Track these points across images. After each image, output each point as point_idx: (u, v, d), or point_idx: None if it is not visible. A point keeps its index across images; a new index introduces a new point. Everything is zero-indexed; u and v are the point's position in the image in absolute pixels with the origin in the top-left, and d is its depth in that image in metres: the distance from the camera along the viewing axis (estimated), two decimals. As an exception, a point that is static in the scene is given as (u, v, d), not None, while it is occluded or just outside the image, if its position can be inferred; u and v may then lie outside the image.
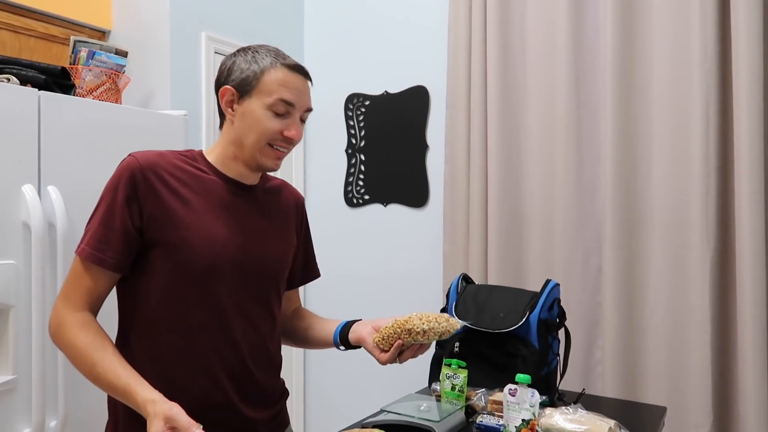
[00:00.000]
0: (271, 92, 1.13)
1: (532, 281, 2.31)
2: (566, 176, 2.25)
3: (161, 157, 1.14)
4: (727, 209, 2.02)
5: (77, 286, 1.10)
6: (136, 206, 1.09)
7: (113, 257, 1.08)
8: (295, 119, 1.16)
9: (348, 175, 2.89)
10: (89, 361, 1.05)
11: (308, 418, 3.01)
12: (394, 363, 1.22)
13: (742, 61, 1.91)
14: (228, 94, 1.16)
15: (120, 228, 1.08)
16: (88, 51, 2.08)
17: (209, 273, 1.12)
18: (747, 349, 1.90)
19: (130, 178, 1.09)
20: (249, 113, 1.14)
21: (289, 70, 1.15)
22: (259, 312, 1.20)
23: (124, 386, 1.02)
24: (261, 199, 1.25)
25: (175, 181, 1.13)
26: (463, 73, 2.46)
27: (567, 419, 1.37)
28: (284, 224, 1.30)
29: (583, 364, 2.23)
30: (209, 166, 1.19)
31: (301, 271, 1.39)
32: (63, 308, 1.09)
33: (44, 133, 1.65)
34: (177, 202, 1.12)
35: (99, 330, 1.09)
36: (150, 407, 0.99)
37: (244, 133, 1.15)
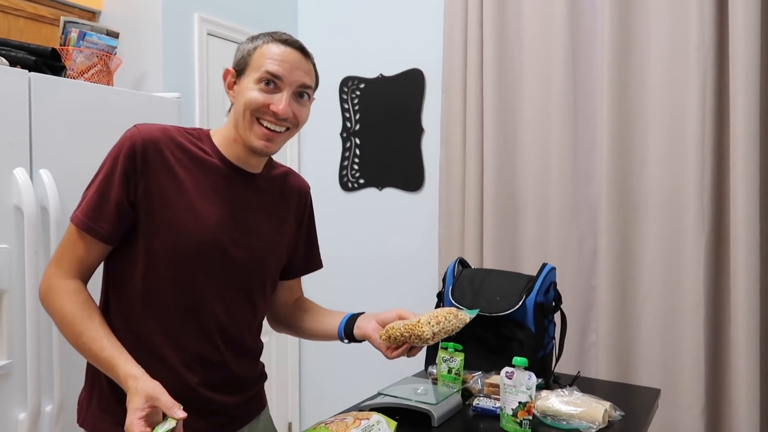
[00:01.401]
0: (259, 66, 1.11)
1: (527, 265, 2.32)
2: (562, 160, 2.24)
3: (164, 132, 1.12)
4: (722, 194, 2.02)
5: (69, 253, 1.09)
6: (133, 181, 1.08)
7: (105, 228, 1.08)
8: (285, 94, 1.12)
9: (343, 158, 2.88)
10: (76, 329, 1.05)
11: (304, 402, 3.03)
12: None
13: (739, 45, 1.91)
14: (229, 76, 1.16)
15: (115, 200, 1.07)
16: (78, 32, 2.04)
17: (191, 257, 1.11)
18: (739, 332, 1.92)
19: (130, 151, 1.08)
20: (242, 90, 1.13)
21: (279, 44, 1.13)
22: (239, 301, 1.19)
23: (107, 358, 1.03)
24: (261, 187, 1.22)
25: (174, 159, 1.11)
26: (459, 56, 2.44)
27: (563, 401, 1.38)
28: (283, 214, 1.27)
29: (578, 347, 2.25)
30: (213, 148, 1.17)
31: (302, 261, 1.37)
32: (54, 273, 1.09)
33: (35, 115, 1.63)
34: (172, 182, 1.10)
35: (87, 298, 1.09)
36: (131, 382, 0.99)
37: (238, 111, 1.13)
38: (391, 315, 1.24)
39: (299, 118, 1.15)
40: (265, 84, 1.11)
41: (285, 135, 1.15)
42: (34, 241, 1.58)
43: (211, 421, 1.17)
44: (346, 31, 2.87)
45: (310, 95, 1.18)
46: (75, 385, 1.69)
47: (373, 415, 1.21)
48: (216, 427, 1.19)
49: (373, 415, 1.22)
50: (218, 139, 1.18)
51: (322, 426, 1.17)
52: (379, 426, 1.18)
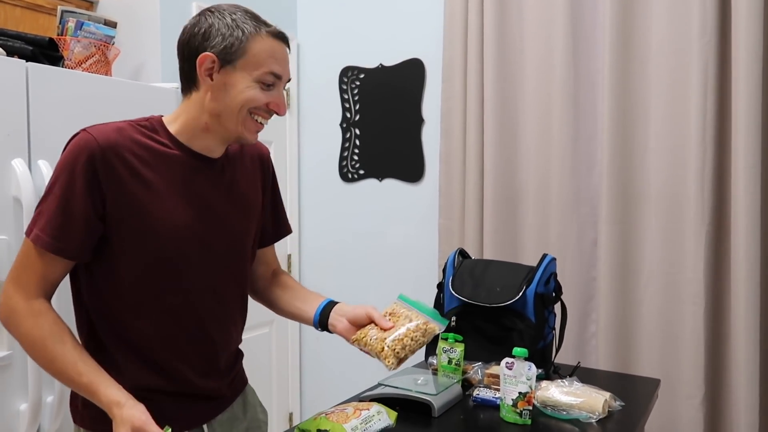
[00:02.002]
0: (260, 64, 1.06)
1: (527, 255, 2.31)
2: (562, 150, 2.23)
3: (119, 132, 1.05)
4: (723, 183, 2.02)
5: (30, 272, 1.02)
6: (98, 193, 1.01)
7: (74, 246, 1.02)
8: (280, 91, 1.11)
9: (343, 149, 2.87)
10: (47, 355, 1.00)
11: (304, 392, 3.04)
12: None
13: (741, 35, 1.89)
14: (207, 61, 1.05)
15: (81, 215, 1.00)
16: (76, 21, 2.03)
17: (176, 258, 1.09)
18: (739, 322, 1.92)
19: (89, 161, 1.00)
20: (233, 85, 1.06)
21: (275, 39, 1.08)
22: (228, 286, 1.18)
23: (87, 384, 0.99)
24: (224, 169, 1.18)
25: (136, 160, 1.05)
26: (459, 45, 2.42)
27: (563, 392, 1.39)
28: (251, 190, 1.24)
29: (578, 338, 2.25)
30: (171, 139, 1.11)
31: (272, 227, 1.34)
32: (14, 294, 1.02)
33: (33, 106, 1.62)
34: (139, 186, 1.05)
35: (56, 319, 1.03)
36: (116, 410, 0.96)
37: (225, 105, 1.07)
38: (361, 315, 1.21)
39: None
40: (266, 82, 1.08)
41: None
42: (33, 233, 1.57)
43: (207, 406, 1.18)
44: (345, 21, 2.84)
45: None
46: (75, 376, 1.70)
47: (374, 406, 1.21)
48: (211, 410, 1.20)
49: (373, 405, 1.22)
50: (176, 128, 1.11)
51: (323, 416, 1.17)
52: (380, 416, 1.18)
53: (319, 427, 1.14)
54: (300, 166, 3.01)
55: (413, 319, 1.19)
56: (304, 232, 3.01)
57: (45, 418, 1.63)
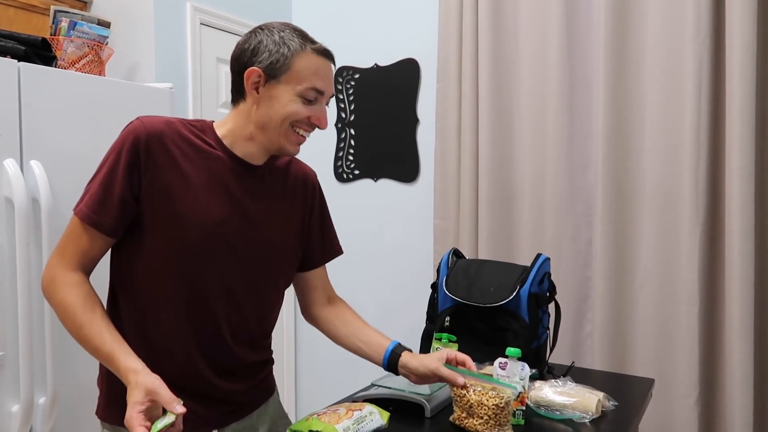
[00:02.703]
0: (302, 79, 1.10)
1: (522, 255, 2.31)
2: (557, 150, 2.24)
3: (168, 125, 1.12)
4: (717, 183, 2.02)
5: (73, 245, 1.09)
6: (137, 174, 1.08)
7: (109, 222, 1.08)
8: (323, 106, 1.15)
9: (338, 150, 2.86)
10: (77, 322, 1.05)
11: (299, 393, 3.03)
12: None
13: (736, 35, 1.89)
14: (254, 75, 1.11)
15: (119, 193, 1.07)
16: (69, 21, 2.02)
17: (198, 252, 1.11)
18: (734, 322, 1.92)
19: (134, 144, 1.07)
20: (277, 98, 1.11)
21: (319, 56, 1.12)
22: (246, 295, 1.19)
23: (108, 352, 1.03)
24: (266, 179, 1.21)
25: (178, 152, 1.11)
26: (454, 45, 2.42)
27: (557, 392, 1.38)
28: (290, 205, 1.26)
29: (573, 338, 2.25)
30: (217, 141, 1.16)
31: (319, 249, 1.36)
32: (57, 265, 1.09)
33: (25, 106, 1.61)
34: (177, 175, 1.10)
35: (90, 291, 1.09)
36: (132, 377, 0.99)
37: (269, 117, 1.11)
38: (431, 370, 1.23)
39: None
40: (309, 97, 1.11)
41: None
42: (25, 233, 1.57)
43: (218, 408, 1.19)
44: (340, 21, 2.84)
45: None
46: (68, 377, 1.69)
47: (366, 406, 1.21)
48: (223, 415, 1.21)
49: (366, 405, 1.21)
50: (224, 132, 1.16)
51: (315, 417, 1.16)
52: (372, 417, 1.18)
53: (311, 427, 1.13)
54: (295, 167, 3.00)
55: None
56: (299, 233, 3.00)
57: (37, 420, 1.62)
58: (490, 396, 1.20)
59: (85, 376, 1.76)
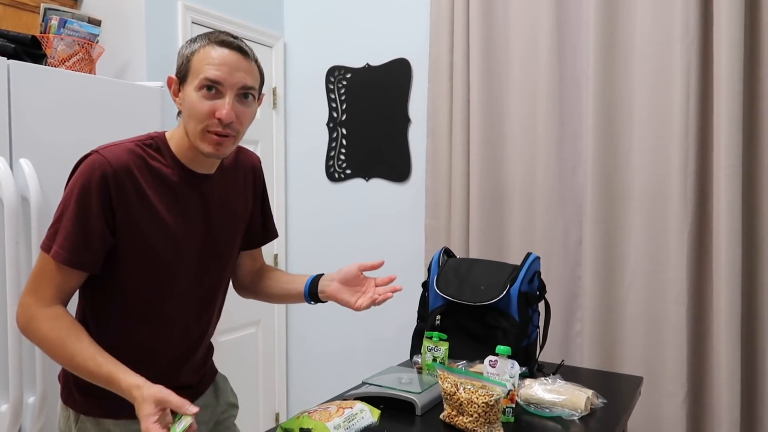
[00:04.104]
0: (198, 72, 1.08)
1: (513, 254, 2.32)
2: (547, 150, 2.25)
3: (130, 154, 1.11)
4: (706, 183, 2.04)
5: (47, 283, 1.08)
6: (110, 212, 1.09)
7: (91, 260, 1.09)
8: (227, 98, 1.08)
9: (329, 149, 2.87)
10: (67, 353, 1.06)
11: (291, 391, 3.03)
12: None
13: (723, 36, 1.91)
14: (173, 84, 1.14)
15: (98, 232, 1.08)
16: (59, 19, 2.01)
17: (170, 270, 1.16)
18: (721, 321, 1.94)
19: (102, 183, 1.07)
20: (185, 99, 1.11)
21: (216, 46, 1.09)
22: (211, 292, 1.27)
23: (107, 374, 1.04)
24: (219, 184, 1.24)
25: (143, 181, 1.12)
26: (446, 45, 2.43)
27: (546, 389, 1.40)
28: (242, 201, 1.31)
29: (563, 336, 2.27)
30: (172, 157, 1.16)
31: (259, 232, 1.41)
32: (32, 303, 1.08)
33: (15, 104, 1.60)
34: (144, 207, 1.12)
35: (72, 321, 1.09)
36: (136, 392, 1.00)
37: (186, 119, 1.12)
38: (351, 272, 1.32)
39: (243, 120, 1.13)
40: (207, 90, 1.08)
41: (234, 139, 1.14)
42: (15, 232, 1.56)
43: (185, 395, 1.23)
44: (332, 21, 2.84)
45: (255, 96, 1.15)
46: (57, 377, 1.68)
47: (357, 404, 1.21)
48: (188, 398, 1.26)
49: (356, 403, 1.22)
50: (174, 144, 1.17)
51: (306, 415, 1.17)
52: (363, 414, 1.18)
53: (301, 425, 1.14)
54: (286, 166, 3.00)
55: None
56: (290, 232, 3.00)
57: (26, 419, 1.61)
58: (480, 394, 1.21)
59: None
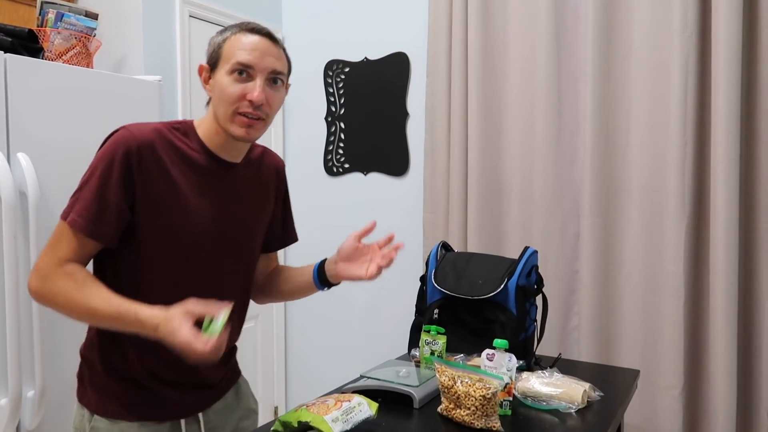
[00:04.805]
0: (230, 57, 1.13)
1: (510, 249, 2.33)
2: (546, 144, 2.25)
3: (157, 133, 1.14)
4: (703, 178, 2.04)
5: (63, 249, 1.09)
6: (130, 185, 1.10)
7: (108, 232, 1.10)
8: (258, 81, 1.13)
9: (328, 143, 2.86)
10: (84, 298, 1.06)
11: (289, 384, 3.04)
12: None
13: (721, 31, 1.91)
14: (204, 71, 1.18)
15: (115, 204, 1.09)
16: (56, 13, 2.00)
17: (188, 256, 1.17)
18: (718, 314, 1.95)
19: (126, 156, 1.09)
20: (217, 84, 1.15)
21: (246, 33, 1.14)
22: (232, 287, 1.25)
23: (125, 311, 1.05)
24: (244, 176, 1.26)
25: (168, 161, 1.14)
26: (444, 39, 2.43)
27: (543, 383, 1.40)
28: (264, 197, 1.32)
29: (560, 330, 2.28)
30: (199, 143, 1.19)
31: (279, 235, 1.42)
32: (47, 265, 1.09)
33: (12, 98, 1.60)
34: (166, 184, 1.13)
35: (88, 274, 1.11)
36: (160, 315, 1.02)
37: (216, 104, 1.16)
38: (348, 247, 1.33)
39: (273, 104, 1.16)
40: (238, 74, 1.12)
41: (264, 122, 1.17)
42: (13, 226, 1.56)
43: (200, 394, 1.26)
44: (330, 14, 2.84)
45: (283, 81, 1.20)
46: (57, 371, 1.69)
47: (355, 397, 1.22)
48: (205, 399, 1.28)
49: (354, 397, 1.22)
50: (202, 132, 1.20)
51: (304, 408, 1.17)
52: (360, 408, 1.19)
53: (300, 419, 1.14)
54: (285, 160, 2.99)
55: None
56: (289, 226, 3.00)
57: (25, 414, 1.62)
58: (477, 387, 1.21)
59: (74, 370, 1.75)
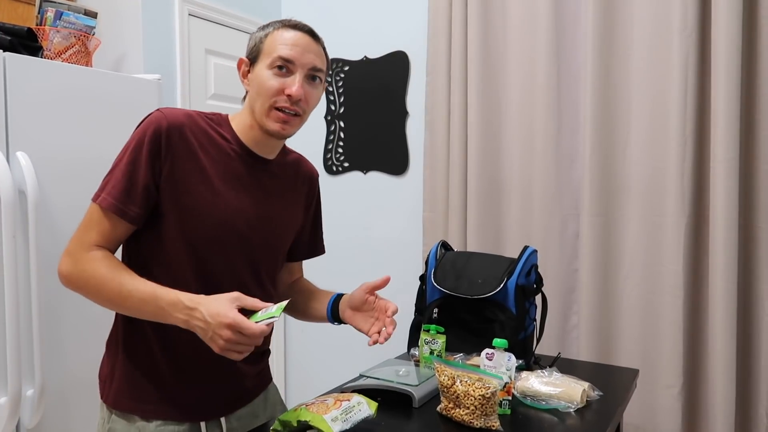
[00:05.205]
0: (271, 52, 1.14)
1: (510, 248, 2.33)
2: (545, 143, 2.25)
3: (188, 117, 1.15)
4: (703, 176, 2.04)
5: (93, 232, 1.09)
6: (158, 163, 1.10)
7: (135, 210, 1.09)
8: (297, 76, 1.14)
9: (327, 142, 2.86)
10: (116, 282, 1.06)
11: (288, 384, 3.04)
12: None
13: (721, 29, 1.91)
14: (243, 65, 1.19)
15: (143, 183, 1.09)
16: (55, 11, 2.00)
17: (211, 242, 1.15)
18: (717, 313, 1.95)
19: (155, 135, 1.10)
20: (256, 77, 1.16)
21: (288, 29, 1.16)
22: (252, 284, 1.23)
23: (162, 290, 1.05)
24: (276, 173, 1.26)
25: (197, 144, 1.14)
26: (444, 38, 2.43)
27: (542, 382, 1.40)
28: (294, 200, 1.31)
29: (560, 329, 2.28)
30: (232, 134, 1.20)
31: (306, 245, 1.41)
32: (78, 250, 1.09)
33: (11, 97, 1.60)
34: (194, 167, 1.13)
35: (119, 261, 1.11)
36: (203, 300, 1.02)
37: (253, 98, 1.16)
38: (359, 298, 1.28)
39: (310, 100, 1.17)
40: (278, 69, 1.13)
41: (300, 119, 1.18)
42: (12, 225, 1.56)
43: (227, 395, 1.24)
44: (329, 13, 2.83)
45: (321, 79, 1.20)
46: (56, 369, 1.69)
47: (354, 397, 1.21)
48: (231, 402, 1.25)
49: (354, 396, 1.22)
50: (236, 125, 1.20)
51: (303, 408, 1.17)
52: (360, 407, 1.19)
53: (299, 418, 1.14)
54: (284, 159, 2.99)
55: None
56: (288, 225, 3.00)
57: (25, 412, 1.62)
58: (477, 386, 1.21)
59: (73, 368, 1.75)
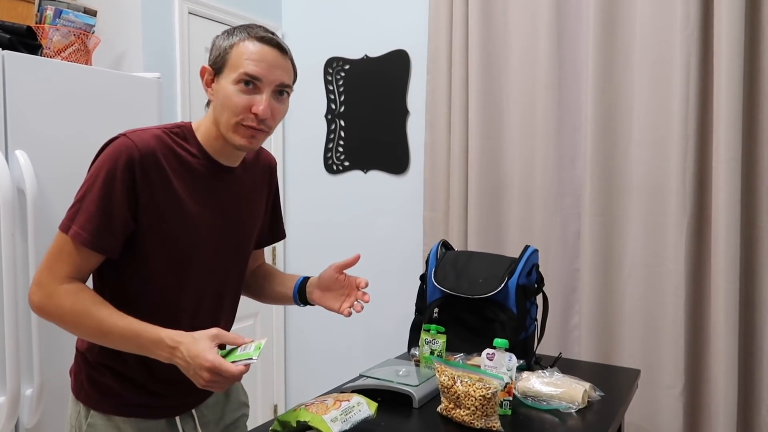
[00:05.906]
0: (237, 67, 1.09)
1: (511, 247, 2.32)
2: (546, 142, 2.24)
3: (158, 140, 1.11)
4: (705, 176, 2.03)
5: (64, 263, 1.07)
6: (133, 196, 1.08)
7: (112, 243, 1.08)
8: (264, 95, 1.10)
9: (328, 141, 2.85)
10: (95, 320, 1.05)
11: (288, 384, 3.04)
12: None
13: (724, 27, 1.90)
14: (207, 73, 1.15)
15: (119, 216, 1.07)
16: (54, 9, 1.99)
17: (189, 263, 1.15)
18: (719, 313, 1.94)
19: (128, 166, 1.06)
20: (220, 90, 1.11)
21: (257, 42, 1.10)
22: (227, 286, 1.26)
23: (143, 328, 1.04)
24: (241, 178, 1.25)
25: (168, 169, 1.11)
26: (444, 37, 2.42)
27: (543, 382, 1.40)
28: (258, 198, 1.32)
29: (561, 329, 2.27)
30: (198, 147, 1.17)
31: (269, 232, 1.42)
32: (49, 282, 1.06)
33: (10, 95, 1.59)
34: (167, 193, 1.11)
35: (94, 293, 1.09)
36: (182, 338, 1.01)
37: (218, 111, 1.12)
38: (328, 277, 1.30)
39: (277, 116, 1.14)
40: (245, 84, 1.09)
41: (267, 133, 1.15)
42: (11, 224, 1.55)
43: (194, 393, 1.23)
44: (330, 11, 2.82)
45: (289, 93, 1.17)
46: (55, 369, 1.68)
47: (354, 397, 1.21)
48: (201, 396, 1.28)
49: (353, 396, 1.22)
50: (201, 135, 1.17)
51: (303, 408, 1.17)
52: (360, 407, 1.18)
53: (298, 418, 1.14)
54: (285, 158, 2.99)
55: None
56: (288, 224, 3.00)
57: (24, 412, 1.61)
58: (478, 387, 1.21)
59: (72, 368, 1.74)
